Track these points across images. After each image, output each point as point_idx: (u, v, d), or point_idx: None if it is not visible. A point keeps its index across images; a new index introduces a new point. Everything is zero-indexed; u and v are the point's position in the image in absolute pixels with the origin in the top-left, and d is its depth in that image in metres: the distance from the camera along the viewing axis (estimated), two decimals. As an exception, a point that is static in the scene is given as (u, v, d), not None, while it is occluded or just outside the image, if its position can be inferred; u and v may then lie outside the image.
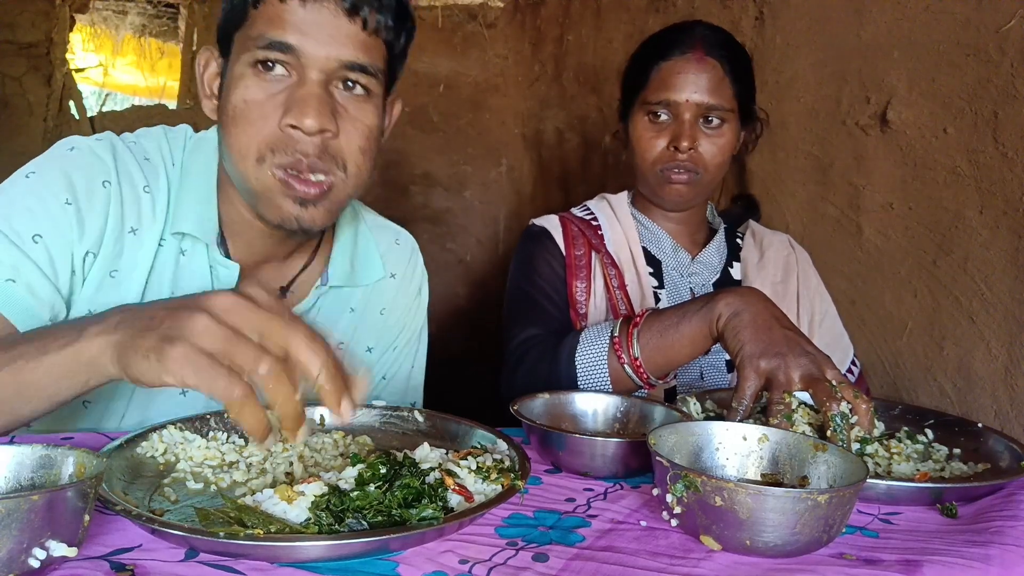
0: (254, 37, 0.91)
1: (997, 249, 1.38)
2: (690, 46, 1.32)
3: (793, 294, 1.45)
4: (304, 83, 0.91)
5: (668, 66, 1.32)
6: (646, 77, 1.34)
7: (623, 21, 2.32)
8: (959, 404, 1.46)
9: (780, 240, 1.52)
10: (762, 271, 1.46)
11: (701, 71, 1.31)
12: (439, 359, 3.05)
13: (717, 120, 1.33)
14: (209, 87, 1.01)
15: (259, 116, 0.92)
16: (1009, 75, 1.33)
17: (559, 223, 1.45)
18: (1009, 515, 0.78)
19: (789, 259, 1.49)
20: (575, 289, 1.38)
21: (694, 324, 1.05)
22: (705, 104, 1.31)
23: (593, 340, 1.15)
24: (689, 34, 1.33)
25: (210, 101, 1.00)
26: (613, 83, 2.39)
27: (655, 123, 1.34)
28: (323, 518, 0.64)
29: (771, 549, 0.66)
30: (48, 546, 0.56)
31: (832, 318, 1.47)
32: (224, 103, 0.95)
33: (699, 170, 1.33)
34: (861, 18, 1.59)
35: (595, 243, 1.42)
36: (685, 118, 1.31)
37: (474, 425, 0.90)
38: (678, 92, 1.31)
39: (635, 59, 1.41)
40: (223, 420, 0.89)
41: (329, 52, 0.91)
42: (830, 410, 0.89)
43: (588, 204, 1.52)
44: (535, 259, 1.42)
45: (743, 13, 1.88)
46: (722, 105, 1.32)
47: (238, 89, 0.92)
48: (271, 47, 0.90)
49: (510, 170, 2.97)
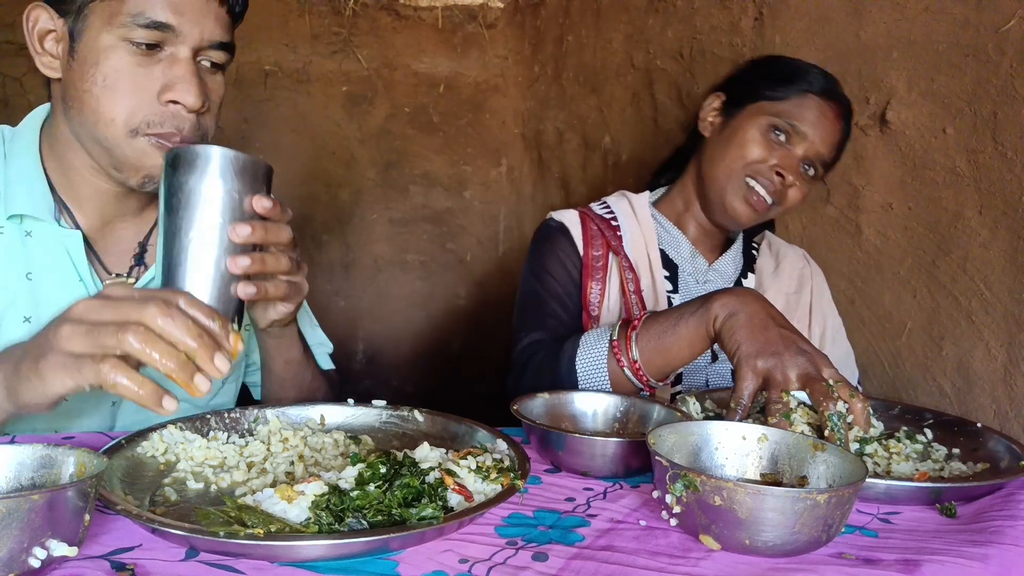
0: (131, 13, 0.94)
1: (996, 249, 1.38)
2: (835, 98, 1.34)
3: (806, 306, 1.46)
4: (179, 60, 0.97)
5: (815, 102, 1.32)
6: (785, 94, 1.33)
7: (623, 22, 2.32)
8: (958, 404, 1.46)
9: (796, 253, 1.53)
10: (776, 281, 1.46)
11: (835, 126, 1.34)
12: (439, 359, 3.06)
13: (814, 172, 1.35)
14: (40, 44, 1.00)
15: (134, 89, 0.95)
16: (1008, 75, 1.33)
17: (578, 219, 1.44)
18: (1008, 515, 0.78)
19: (804, 272, 1.50)
20: (589, 290, 1.37)
21: (691, 325, 1.05)
22: (820, 155, 1.33)
23: (592, 344, 1.15)
24: (835, 87, 1.35)
25: (47, 58, 1.00)
26: (613, 83, 2.39)
27: (768, 136, 1.33)
28: (323, 518, 0.64)
29: (770, 549, 0.66)
30: (49, 546, 0.56)
31: (842, 338, 1.49)
32: (87, 72, 0.96)
33: (779, 204, 1.34)
34: (860, 19, 1.59)
35: (614, 244, 1.40)
36: (798, 153, 1.32)
37: (474, 425, 0.90)
38: (812, 129, 1.31)
39: (773, 69, 1.38)
40: (223, 420, 0.89)
41: (203, 32, 0.97)
42: (827, 409, 0.89)
43: (607, 201, 1.50)
44: (549, 258, 1.41)
45: (743, 13, 1.88)
46: (825, 164, 1.36)
47: (109, 60, 0.95)
48: (151, 25, 0.94)
49: (510, 170, 2.97)
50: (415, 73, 2.78)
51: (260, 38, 2.63)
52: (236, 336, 0.78)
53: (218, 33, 0.99)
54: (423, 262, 2.95)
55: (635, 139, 2.33)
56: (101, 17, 0.95)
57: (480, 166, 2.96)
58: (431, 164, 2.90)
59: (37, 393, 0.75)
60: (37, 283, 1.01)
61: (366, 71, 2.75)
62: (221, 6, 0.99)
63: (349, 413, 0.96)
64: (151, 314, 0.72)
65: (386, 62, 2.76)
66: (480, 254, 3.00)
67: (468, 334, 2.98)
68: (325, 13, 2.70)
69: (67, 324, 0.73)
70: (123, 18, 0.94)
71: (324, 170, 2.80)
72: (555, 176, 2.75)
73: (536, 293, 1.39)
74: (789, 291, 1.46)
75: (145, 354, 0.71)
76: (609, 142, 2.45)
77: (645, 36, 2.21)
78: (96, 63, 0.95)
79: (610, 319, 1.36)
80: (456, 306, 3.00)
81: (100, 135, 0.97)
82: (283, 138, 2.73)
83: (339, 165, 2.82)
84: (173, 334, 0.72)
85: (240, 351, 0.78)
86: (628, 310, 1.35)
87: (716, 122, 1.41)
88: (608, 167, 2.47)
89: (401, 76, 2.77)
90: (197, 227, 0.83)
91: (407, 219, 2.92)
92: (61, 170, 1.04)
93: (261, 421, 0.91)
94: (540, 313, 1.36)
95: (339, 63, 2.73)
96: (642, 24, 2.22)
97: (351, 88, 2.76)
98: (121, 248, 1.09)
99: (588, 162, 2.57)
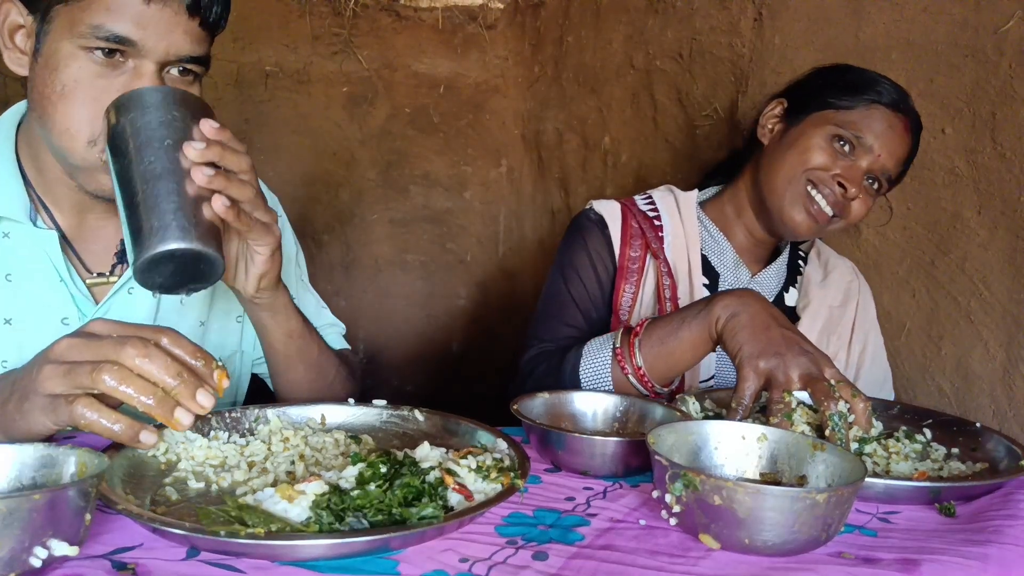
0: (92, 24, 0.89)
1: (995, 249, 1.38)
2: (905, 113, 1.29)
3: (849, 321, 1.42)
4: (142, 75, 0.92)
5: (883, 113, 1.27)
6: (852, 104, 1.28)
7: (622, 22, 2.32)
8: (957, 404, 1.46)
9: (845, 265, 1.49)
10: (823, 291, 1.42)
11: (902, 140, 1.29)
12: (439, 359, 3.06)
13: (879, 185, 1.31)
14: (11, 39, 0.97)
15: (92, 99, 0.91)
16: (1007, 76, 1.33)
17: (619, 214, 1.38)
18: (1007, 514, 0.79)
19: (851, 286, 1.45)
20: (622, 292, 1.33)
21: (694, 329, 1.05)
22: (885, 168, 1.28)
23: (596, 353, 1.14)
24: (906, 100, 1.30)
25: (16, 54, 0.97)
26: (613, 84, 2.39)
27: (832, 146, 1.27)
28: (324, 517, 0.64)
29: (770, 548, 0.66)
30: (50, 545, 0.56)
31: (882, 359, 1.45)
32: (47, 77, 0.93)
33: (841, 217, 1.29)
34: (859, 19, 1.59)
35: (654, 246, 1.35)
36: (862, 166, 1.27)
37: (474, 424, 0.90)
38: (878, 141, 1.26)
39: (840, 77, 1.33)
40: (224, 420, 0.89)
41: (169, 48, 0.92)
42: (828, 409, 0.89)
43: (653, 195, 1.43)
44: (580, 255, 1.36)
45: (742, 14, 1.88)
46: (890, 178, 1.31)
47: (68, 68, 0.91)
48: (111, 39, 0.89)
49: (510, 170, 2.97)
50: (415, 74, 2.78)
51: (260, 39, 2.63)
52: (221, 372, 0.78)
53: (187, 47, 0.94)
54: (423, 262, 2.95)
55: (635, 139, 2.33)
56: (64, 23, 0.91)
57: (480, 167, 2.96)
58: (431, 164, 2.90)
59: (23, 432, 0.75)
60: (17, 285, 1.00)
61: (366, 72, 2.75)
62: (192, 19, 0.93)
63: (350, 413, 0.96)
64: (128, 354, 0.72)
65: (386, 63, 2.76)
66: (480, 254, 3.00)
67: (468, 334, 2.98)
68: (326, 14, 2.69)
69: (48, 364, 0.74)
70: (83, 28, 0.89)
71: (324, 170, 2.80)
72: (555, 176, 2.75)
73: (559, 294, 1.35)
74: (834, 304, 1.41)
75: (120, 392, 0.71)
76: (609, 142, 2.45)
77: (645, 37, 2.21)
78: (56, 69, 0.91)
79: None
80: (456, 306, 3.00)
81: (55, 143, 0.95)
82: (284, 139, 2.73)
83: (339, 165, 2.82)
84: (152, 373, 0.72)
85: (226, 387, 0.78)
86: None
87: (777, 129, 1.36)
88: (608, 167, 2.47)
89: (401, 77, 2.77)
90: (148, 158, 0.79)
91: (407, 219, 2.92)
92: (37, 168, 1.03)
93: (262, 421, 0.91)
94: (558, 319, 1.33)
95: (340, 64, 2.73)
96: (642, 25, 2.22)
97: (352, 89, 2.76)
98: (102, 246, 1.07)
99: (588, 162, 2.57)
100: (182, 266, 0.80)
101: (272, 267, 0.95)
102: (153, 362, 0.73)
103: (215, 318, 1.17)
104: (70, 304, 1.02)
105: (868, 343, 1.43)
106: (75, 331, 0.77)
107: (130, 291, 1.06)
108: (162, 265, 0.79)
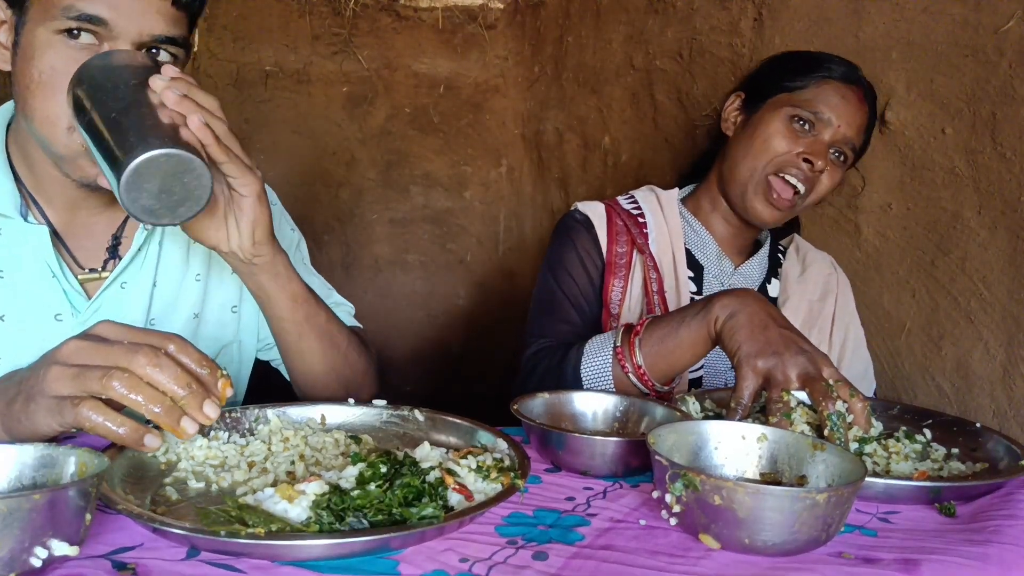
0: (63, 6, 0.89)
1: (995, 249, 1.38)
2: (856, 82, 1.33)
3: (829, 315, 1.44)
4: None
5: (835, 87, 1.31)
6: (804, 84, 1.32)
7: (622, 22, 2.32)
8: (957, 404, 1.46)
9: (823, 259, 1.51)
10: (801, 286, 1.44)
11: (859, 108, 1.33)
12: (439, 359, 3.05)
13: (843, 156, 1.34)
14: None
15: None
16: (1007, 76, 1.33)
17: (604, 213, 1.41)
18: (1007, 514, 0.79)
19: (830, 280, 1.48)
20: (611, 288, 1.35)
21: (693, 328, 1.05)
22: (848, 138, 1.32)
23: (596, 351, 1.15)
24: (855, 72, 1.35)
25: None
26: (613, 84, 2.39)
27: (791, 127, 1.31)
28: (324, 517, 0.64)
29: (770, 548, 0.67)
30: (50, 545, 0.56)
31: (863, 350, 1.47)
32: (25, 67, 0.93)
33: (809, 191, 1.32)
34: (859, 19, 1.59)
35: (639, 242, 1.38)
36: (824, 139, 1.31)
37: (474, 424, 0.90)
38: (834, 113, 1.30)
39: (790, 62, 1.39)
40: (224, 420, 0.89)
41: (142, 27, 0.92)
42: (826, 409, 0.89)
43: (635, 195, 1.48)
44: (569, 254, 1.38)
45: (742, 14, 1.88)
46: (854, 146, 1.34)
47: (44, 56, 0.91)
48: (82, 19, 0.89)
49: (510, 170, 2.97)
50: (415, 74, 2.78)
51: (260, 39, 2.63)
52: (225, 381, 0.78)
53: (161, 27, 0.93)
54: (423, 262, 2.95)
55: (635, 139, 2.33)
56: (38, 10, 0.91)
57: (480, 166, 2.96)
58: (431, 164, 2.90)
59: (28, 433, 0.75)
60: (9, 280, 1.00)
61: (366, 72, 2.75)
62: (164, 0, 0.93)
63: (350, 412, 0.96)
64: (139, 362, 0.72)
65: (386, 63, 2.76)
66: (480, 254, 3.00)
67: (468, 334, 2.98)
68: (325, 14, 2.69)
69: (55, 366, 0.74)
70: (55, 11, 0.90)
71: (324, 170, 2.80)
72: (555, 176, 2.75)
73: (551, 293, 1.37)
74: (813, 298, 1.44)
75: (129, 400, 0.71)
76: (609, 142, 2.45)
77: (645, 37, 2.21)
78: (32, 58, 0.92)
79: (631, 318, 1.35)
80: (456, 306, 3.00)
81: (37, 132, 0.95)
82: (283, 138, 2.73)
83: (339, 165, 2.82)
84: (161, 383, 0.73)
85: (228, 396, 0.78)
86: (650, 310, 1.34)
87: (739, 120, 1.40)
88: (608, 167, 2.47)
89: (401, 77, 2.77)
90: (117, 95, 0.79)
91: (407, 219, 2.92)
92: (28, 165, 1.03)
93: (262, 420, 0.91)
94: (553, 317, 1.35)
95: (339, 64, 2.73)
96: (642, 25, 2.22)
97: (351, 89, 2.76)
98: (93, 241, 1.07)
99: (588, 162, 2.57)
100: (169, 183, 0.78)
101: (262, 213, 0.92)
102: (163, 372, 0.73)
103: (209, 310, 1.16)
104: (63, 300, 1.02)
105: (848, 335, 1.45)
106: (82, 333, 0.77)
107: (123, 286, 1.06)
108: (147, 181, 0.77)
